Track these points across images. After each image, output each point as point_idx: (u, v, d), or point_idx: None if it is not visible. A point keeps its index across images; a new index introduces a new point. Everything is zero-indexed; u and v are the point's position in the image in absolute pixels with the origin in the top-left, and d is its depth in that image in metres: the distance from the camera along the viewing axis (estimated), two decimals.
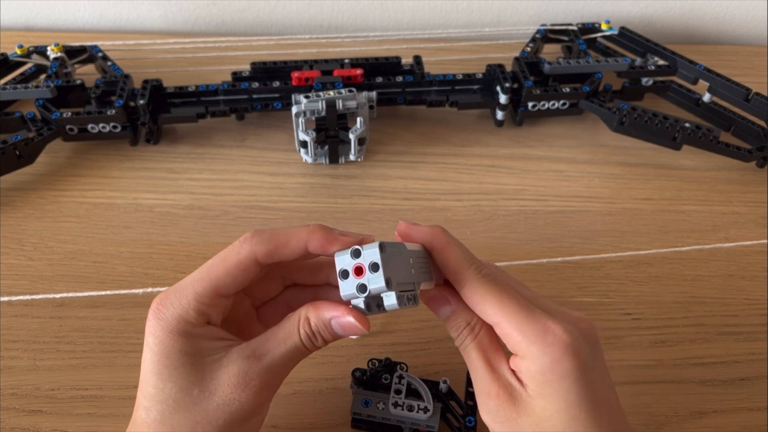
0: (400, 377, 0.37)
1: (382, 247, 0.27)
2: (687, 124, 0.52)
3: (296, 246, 0.30)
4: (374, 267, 0.27)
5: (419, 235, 0.31)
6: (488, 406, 0.30)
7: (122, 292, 0.42)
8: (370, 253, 0.27)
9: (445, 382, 0.37)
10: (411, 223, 0.31)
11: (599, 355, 0.30)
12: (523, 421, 0.29)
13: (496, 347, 0.31)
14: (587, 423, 0.29)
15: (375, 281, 0.27)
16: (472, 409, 0.37)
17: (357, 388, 0.37)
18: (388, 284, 0.27)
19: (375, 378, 0.37)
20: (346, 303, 0.29)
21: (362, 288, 0.27)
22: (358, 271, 0.27)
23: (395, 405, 0.36)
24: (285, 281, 0.35)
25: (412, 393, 0.37)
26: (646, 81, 0.59)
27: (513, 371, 0.30)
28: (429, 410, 0.36)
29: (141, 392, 0.30)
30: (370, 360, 0.38)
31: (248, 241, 0.30)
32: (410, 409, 0.36)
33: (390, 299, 0.27)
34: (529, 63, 0.57)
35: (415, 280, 0.29)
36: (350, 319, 0.29)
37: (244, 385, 0.29)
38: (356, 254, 0.27)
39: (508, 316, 0.29)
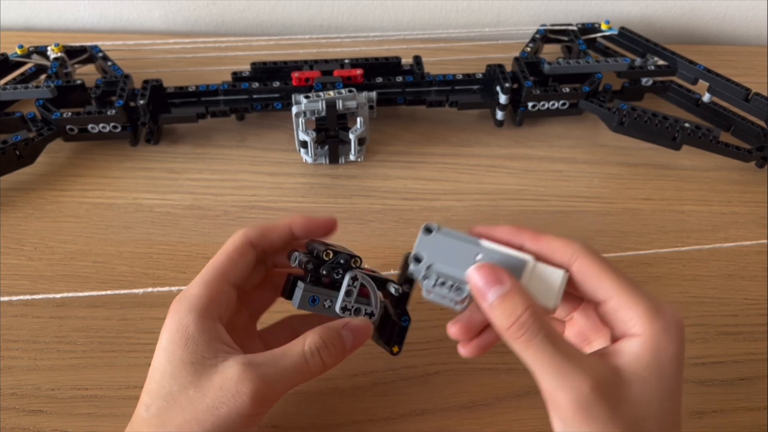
0: (355, 278, 0.34)
1: (427, 229, 0.32)
2: (687, 124, 0.52)
3: (283, 229, 0.35)
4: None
5: (499, 234, 0.32)
6: (578, 402, 0.26)
7: (122, 292, 0.42)
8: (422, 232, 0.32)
9: (396, 291, 0.35)
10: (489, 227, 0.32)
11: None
12: (622, 410, 0.27)
13: (563, 335, 0.29)
14: (675, 412, 0.28)
15: (414, 249, 0.32)
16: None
17: (307, 284, 0.34)
18: (414, 260, 0.32)
19: (328, 270, 0.34)
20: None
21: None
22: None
23: (344, 309, 0.34)
24: (276, 291, 0.37)
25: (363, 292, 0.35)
26: (646, 81, 0.59)
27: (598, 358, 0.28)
28: (374, 315, 0.34)
29: (144, 389, 0.31)
30: (325, 250, 0.34)
31: (241, 230, 0.34)
32: (357, 312, 0.34)
33: (416, 274, 0.32)
34: (529, 63, 0.57)
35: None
36: (362, 319, 0.33)
37: (234, 391, 0.29)
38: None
39: (622, 291, 0.29)
